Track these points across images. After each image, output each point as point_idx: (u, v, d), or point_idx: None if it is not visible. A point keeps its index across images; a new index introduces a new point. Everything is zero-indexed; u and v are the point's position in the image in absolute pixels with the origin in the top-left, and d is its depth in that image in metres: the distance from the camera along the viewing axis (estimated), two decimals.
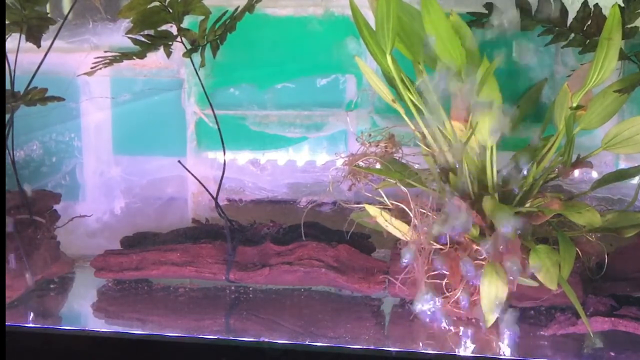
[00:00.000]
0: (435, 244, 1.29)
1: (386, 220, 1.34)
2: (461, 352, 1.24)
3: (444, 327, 1.30)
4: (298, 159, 1.75)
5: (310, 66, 1.71)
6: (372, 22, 1.32)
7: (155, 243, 1.58)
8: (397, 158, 1.43)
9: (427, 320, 1.29)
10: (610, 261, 1.39)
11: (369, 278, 1.44)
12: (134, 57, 1.49)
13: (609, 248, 1.39)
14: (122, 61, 1.50)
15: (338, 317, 1.40)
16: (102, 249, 1.59)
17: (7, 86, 1.52)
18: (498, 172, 1.32)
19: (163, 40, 1.50)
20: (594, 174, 1.58)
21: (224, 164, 1.57)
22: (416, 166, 1.42)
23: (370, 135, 1.44)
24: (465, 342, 1.28)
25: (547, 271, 1.24)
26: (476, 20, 1.48)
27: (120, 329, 1.39)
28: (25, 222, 1.57)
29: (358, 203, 1.40)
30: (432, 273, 1.29)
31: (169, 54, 1.52)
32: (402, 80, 1.33)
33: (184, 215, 1.80)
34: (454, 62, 1.27)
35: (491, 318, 1.26)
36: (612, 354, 1.23)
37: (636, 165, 1.39)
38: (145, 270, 1.53)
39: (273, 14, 1.71)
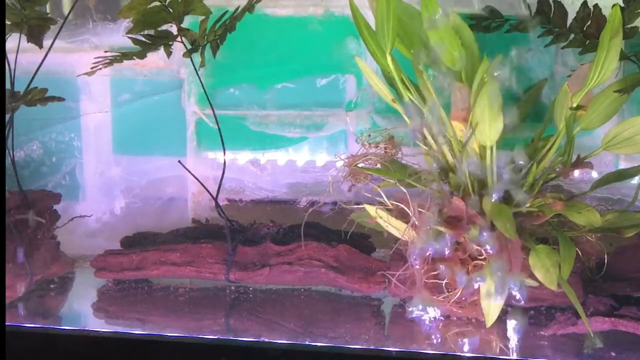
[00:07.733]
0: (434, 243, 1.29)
1: (386, 220, 1.34)
2: (461, 352, 1.24)
3: (444, 327, 1.30)
4: (298, 159, 1.75)
5: (310, 66, 1.71)
6: (372, 22, 1.32)
7: (155, 243, 1.58)
8: (397, 159, 1.43)
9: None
10: (610, 261, 1.39)
11: (369, 278, 1.44)
12: (134, 57, 1.49)
13: (609, 248, 1.39)
14: (122, 61, 1.50)
15: (338, 317, 1.40)
16: (102, 249, 1.59)
17: (7, 86, 1.52)
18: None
19: (163, 40, 1.50)
20: (594, 174, 1.58)
21: (224, 164, 1.57)
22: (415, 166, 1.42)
23: (370, 135, 1.44)
24: (466, 342, 1.28)
25: (547, 271, 1.24)
26: (477, 24, 1.48)
27: (120, 329, 1.39)
28: (26, 222, 1.57)
29: (358, 203, 1.40)
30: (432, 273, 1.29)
31: (169, 54, 1.52)
32: (402, 80, 1.33)
33: (184, 215, 1.80)
34: (454, 63, 1.27)
35: (492, 317, 1.26)
36: (613, 354, 1.23)
37: (636, 165, 1.39)
38: (145, 270, 1.53)
39: (273, 14, 1.71)
